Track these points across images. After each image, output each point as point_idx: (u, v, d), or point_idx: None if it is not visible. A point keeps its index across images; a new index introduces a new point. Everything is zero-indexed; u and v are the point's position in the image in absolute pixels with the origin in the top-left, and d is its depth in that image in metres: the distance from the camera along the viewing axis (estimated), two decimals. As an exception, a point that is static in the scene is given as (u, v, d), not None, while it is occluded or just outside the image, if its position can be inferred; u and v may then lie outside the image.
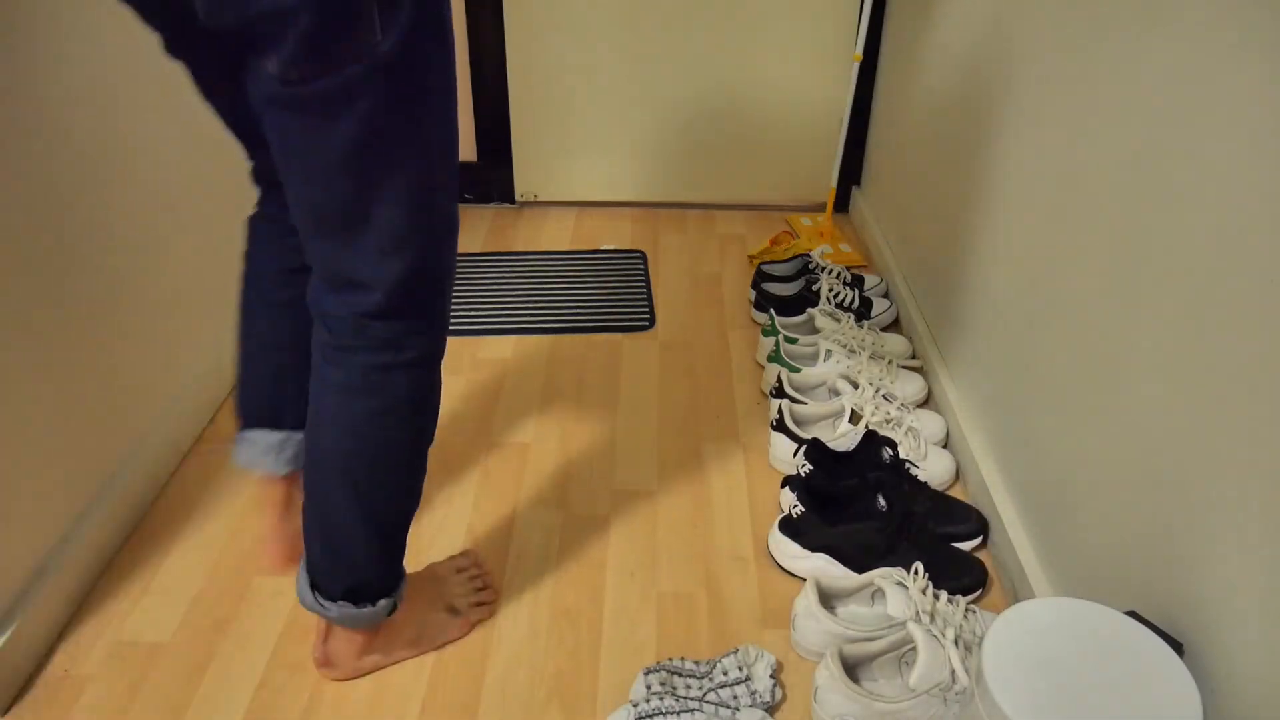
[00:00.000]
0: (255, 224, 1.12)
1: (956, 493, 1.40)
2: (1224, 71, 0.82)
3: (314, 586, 1.04)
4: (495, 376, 1.67)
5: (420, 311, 0.95)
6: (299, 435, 1.17)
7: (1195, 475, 0.85)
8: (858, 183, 2.25)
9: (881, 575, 1.13)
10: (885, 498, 1.22)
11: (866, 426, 1.40)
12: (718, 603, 1.22)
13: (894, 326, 1.80)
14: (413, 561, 1.27)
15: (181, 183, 1.45)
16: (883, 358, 1.58)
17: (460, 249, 2.07)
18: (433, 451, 1.46)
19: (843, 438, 1.39)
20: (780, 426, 1.43)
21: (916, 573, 1.12)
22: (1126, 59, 0.98)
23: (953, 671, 0.99)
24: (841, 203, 2.29)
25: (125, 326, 1.31)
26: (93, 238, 1.23)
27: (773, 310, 1.71)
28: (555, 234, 2.20)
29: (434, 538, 1.32)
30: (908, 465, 1.35)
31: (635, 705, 1.02)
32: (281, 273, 1.11)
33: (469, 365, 1.70)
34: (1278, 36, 0.75)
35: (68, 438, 1.19)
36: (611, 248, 2.13)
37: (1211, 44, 0.84)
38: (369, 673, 1.12)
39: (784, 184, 2.28)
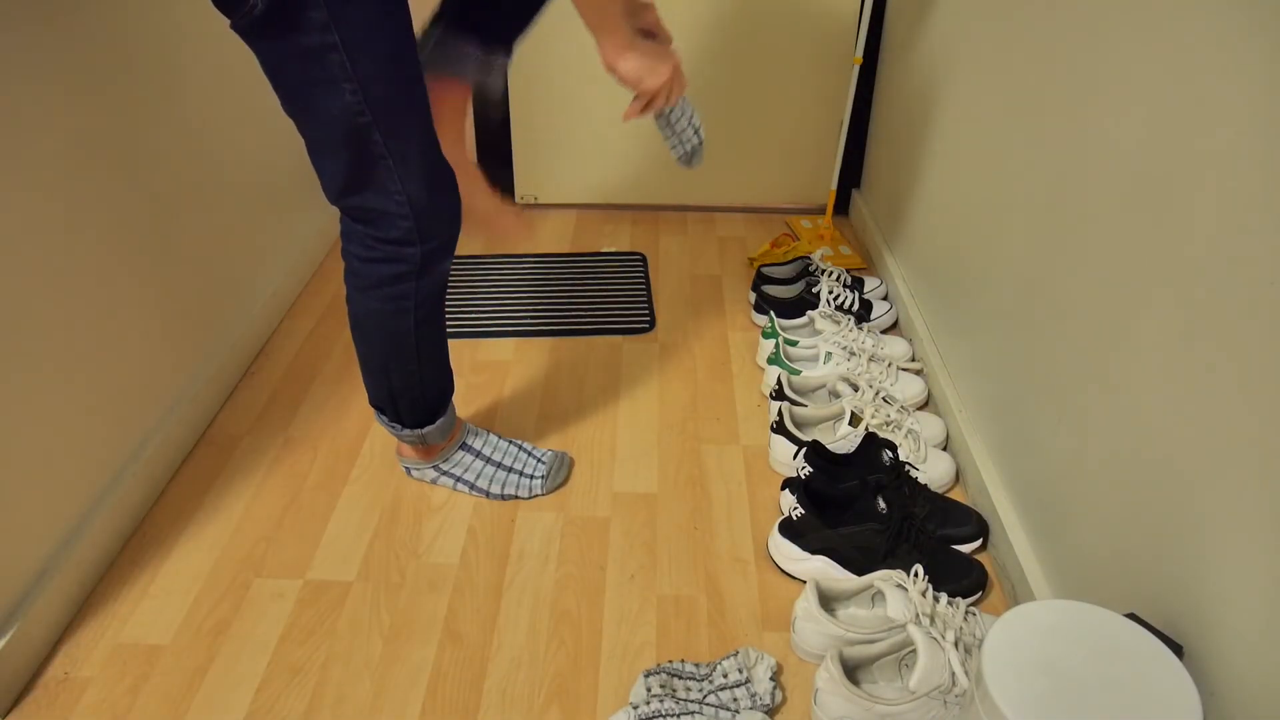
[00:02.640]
0: None
1: (956, 495, 1.40)
2: (1224, 71, 0.82)
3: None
4: (495, 379, 1.67)
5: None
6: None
7: (1195, 477, 0.85)
8: (858, 185, 2.25)
9: (881, 578, 1.13)
10: (885, 500, 1.22)
11: (866, 429, 1.40)
12: (718, 605, 1.22)
13: (894, 329, 1.80)
14: (411, 566, 1.28)
15: (181, 184, 1.45)
16: (883, 360, 1.58)
17: (460, 251, 2.07)
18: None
19: (843, 440, 1.39)
20: (780, 429, 1.43)
21: (916, 575, 1.12)
22: (1126, 60, 0.99)
23: (953, 674, 0.99)
24: (841, 205, 2.29)
25: (124, 327, 1.32)
26: (92, 238, 1.24)
27: (773, 312, 1.71)
28: (555, 236, 2.20)
29: (434, 539, 1.32)
30: (908, 468, 1.35)
31: (635, 708, 1.02)
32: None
33: (469, 368, 1.70)
34: (1278, 35, 0.75)
35: (68, 441, 1.19)
36: (612, 250, 2.13)
37: (1212, 43, 0.84)
38: None
39: (784, 186, 2.28)
